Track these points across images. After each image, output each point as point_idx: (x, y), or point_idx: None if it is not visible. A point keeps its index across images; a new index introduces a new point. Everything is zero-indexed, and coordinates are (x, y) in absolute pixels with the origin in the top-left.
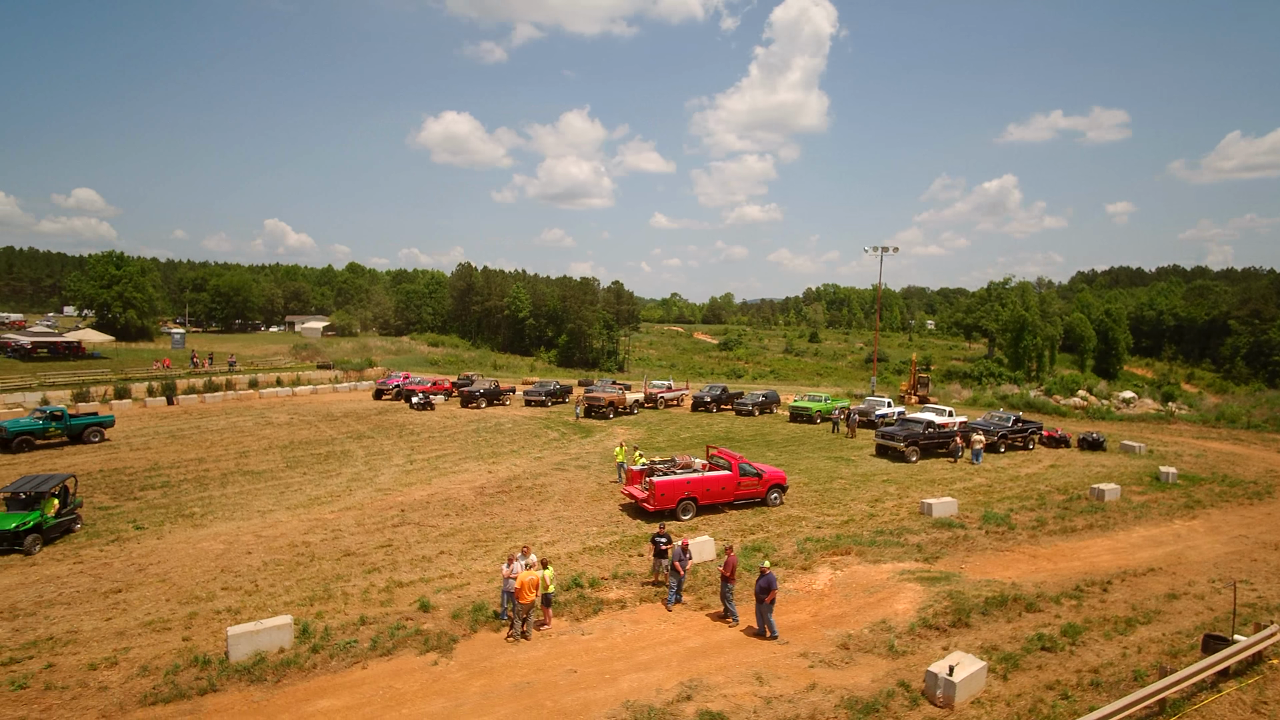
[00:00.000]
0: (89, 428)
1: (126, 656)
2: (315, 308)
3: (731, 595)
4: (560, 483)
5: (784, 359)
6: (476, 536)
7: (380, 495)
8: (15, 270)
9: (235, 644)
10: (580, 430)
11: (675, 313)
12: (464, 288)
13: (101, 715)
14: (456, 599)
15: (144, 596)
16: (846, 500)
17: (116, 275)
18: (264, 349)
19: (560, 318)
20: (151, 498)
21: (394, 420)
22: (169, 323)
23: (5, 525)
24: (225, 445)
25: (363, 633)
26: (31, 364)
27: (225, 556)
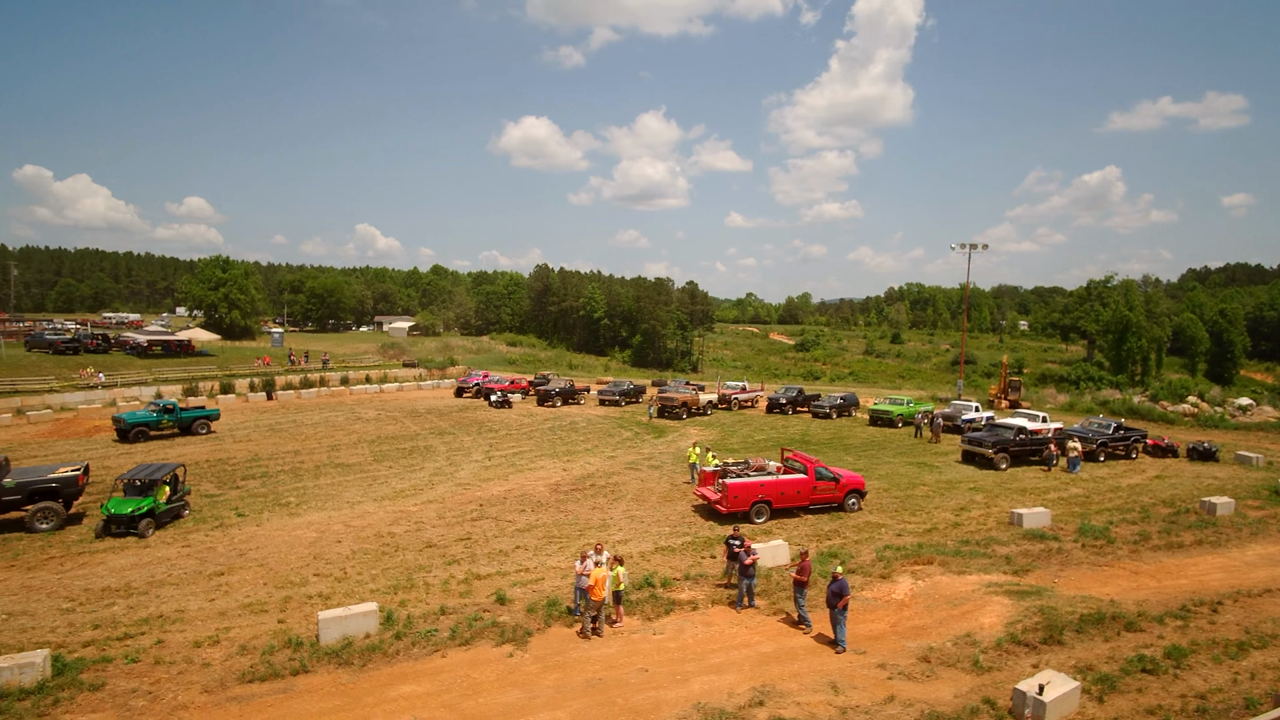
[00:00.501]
0: (197, 420)
1: (227, 636)
2: (402, 308)
3: (805, 601)
4: (633, 482)
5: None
6: (551, 533)
7: (460, 490)
8: (134, 274)
9: (325, 628)
10: (653, 430)
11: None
12: (541, 289)
13: (204, 690)
14: (531, 593)
15: (244, 580)
16: (929, 508)
17: (223, 278)
18: (354, 348)
19: (634, 318)
20: (252, 487)
21: (474, 417)
22: (269, 322)
23: (122, 510)
24: (319, 439)
25: (442, 622)
26: (147, 360)
27: (317, 544)
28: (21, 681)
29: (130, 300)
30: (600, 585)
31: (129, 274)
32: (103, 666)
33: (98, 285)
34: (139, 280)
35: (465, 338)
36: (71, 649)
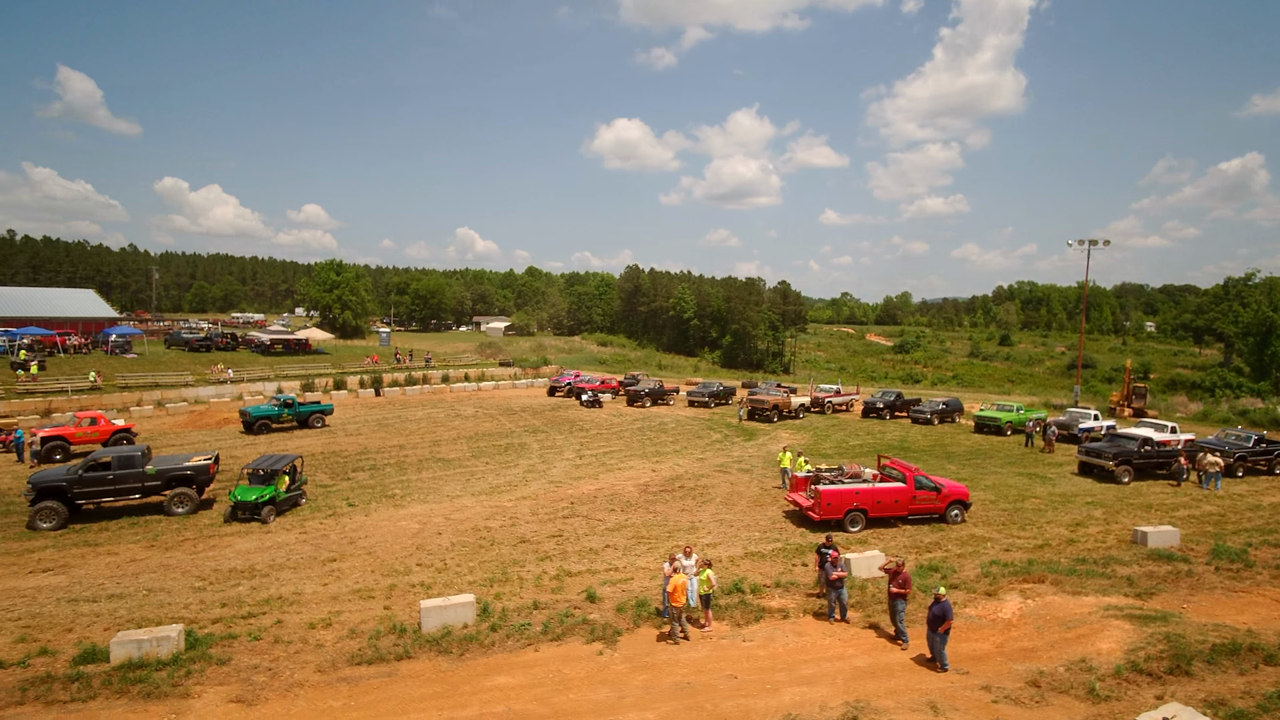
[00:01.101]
0: (313, 414)
1: (339, 619)
2: (498, 309)
3: (903, 615)
4: (722, 485)
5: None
6: (640, 533)
7: (552, 487)
8: (258, 276)
9: (427, 616)
10: (743, 433)
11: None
12: (631, 289)
13: (317, 670)
14: (621, 593)
15: (354, 566)
16: (1041, 522)
17: (336, 280)
18: (454, 347)
19: (725, 318)
20: (361, 479)
21: (565, 416)
22: (378, 322)
23: (247, 497)
24: (421, 434)
25: (535, 617)
26: (270, 358)
27: (420, 535)
28: (159, 653)
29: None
30: (680, 590)
31: (254, 277)
32: (229, 643)
33: (227, 287)
34: (263, 282)
35: (558, 337)
36: (202, 625)
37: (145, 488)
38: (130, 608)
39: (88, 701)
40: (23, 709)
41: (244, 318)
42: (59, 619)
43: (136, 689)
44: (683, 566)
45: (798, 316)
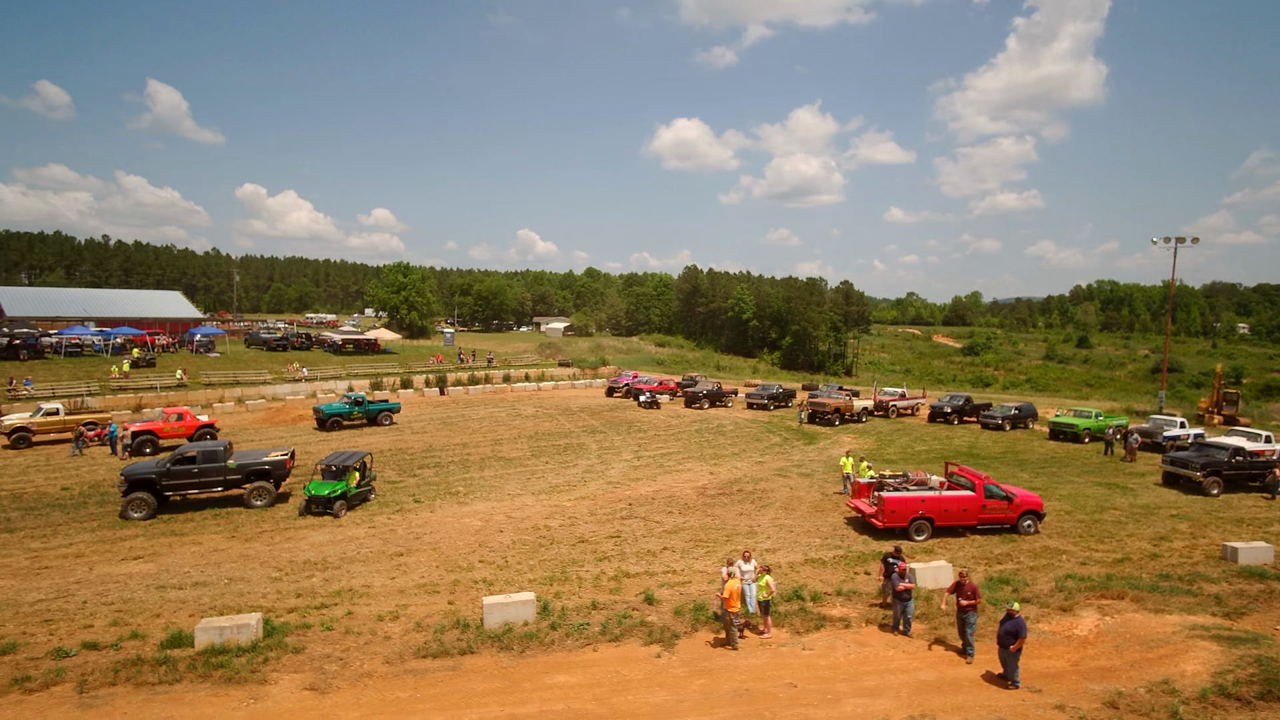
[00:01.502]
0: (381, 412)
1: (405, 612)
2: (558, 309)
3: (974, 628)
4: (782, 489)
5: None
6: (698, 536)
7: (610, 488)
8: (331, 278)
9: (489, 613)
10: (803, 436)
11: (911, 313)
12: (690, 290)
13: (386, 661)
14: (679, 596)
15: (419, 561)
16: (1121, 535)
17: (404, 282)
18: (515, 347)
19: (784, 319)
20: (426, 476)
21: (623, 417)
22: (442, 323)
23: (320, 492)
24: (484, 433)
25: (594, 617)
26: (341, 357)
27: (482, 532)
28: (239, 640)
29: (328, 302)
30: (735, 596)
31: (327, 279)
32: (303, 632)
33: (302, 289)
34: (335, 284)
35: (616, 338)
36: (278, 614)
37: (227, 481)
38: (213, 595)
39: (174, 685)
40: (115, 689)
41: (317, 318)
42: (148, 604)
43: (218, 674)
44: (741, 571)
45: (861, 317)
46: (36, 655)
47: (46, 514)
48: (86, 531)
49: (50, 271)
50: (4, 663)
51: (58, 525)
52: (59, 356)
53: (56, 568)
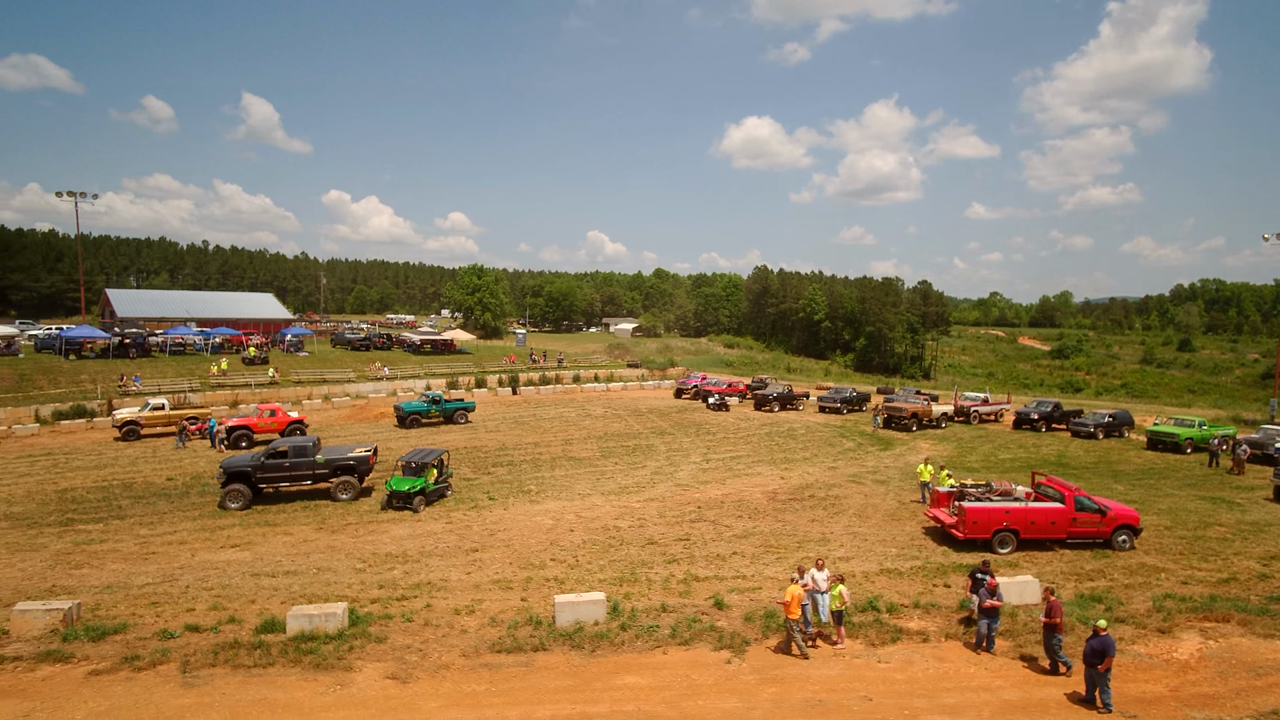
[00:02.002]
0: (457, 411)
1: (480, 607)
2: (626, 310)
3: (1059, 647)
4: (855, 496)
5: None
6: (768, 542)
7: (679, 490)
8: (409, 280)
9: (560, 611)
10: (878, 442)
11: (995, 314)
12: (759, 290)
13: (462, 654)
14: (749, 601)
15: (493, 558)
16: (1227, 553)
17: (478, 284)
18: (584, 347)
19: (858, 320)
20: (500, 474)
21: (692, 419)
22: (514, 323)
23: (400, 487)
24: (554, 433)
25: (664, 619)
26: (420, 357)
27: (553, 531)
28: (326, 628)
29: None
30: (795, 602)
31: (406, 281)
32: (385, 622)
33: (383, 291)
34: (413, 286)
35: (684, 339)
36: (362, 604)
37: (315, 475)
38: (303, 584)
39: (267, 668)
40: (215, 670)
41: (397, 319)
42: (244, 591)
43: (308, 659)
44: (813, 580)
45: (940, 318)
46: (144, 635)
47: (153, 503)
48: (189, 520)
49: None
50: (115, 641)
51: (163, 513)
52: (164, 355)
53: (162, 553)
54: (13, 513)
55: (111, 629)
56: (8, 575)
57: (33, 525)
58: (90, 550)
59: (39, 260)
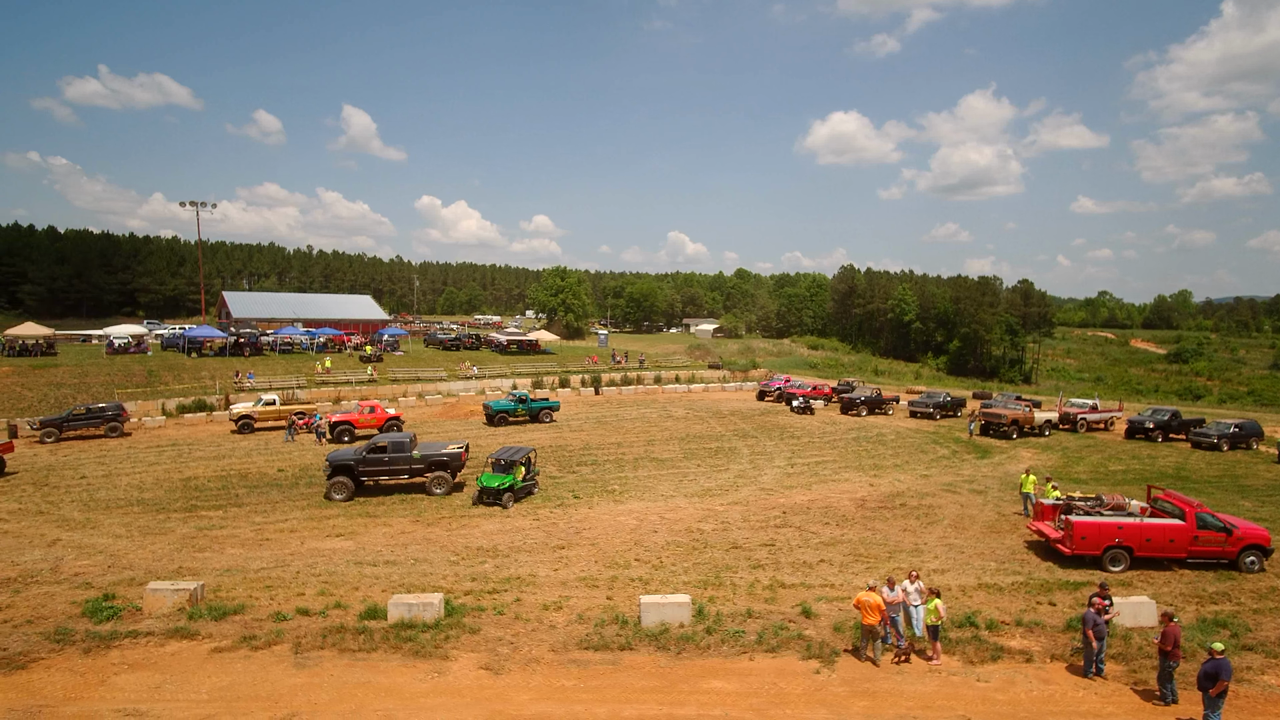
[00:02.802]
0: (543, 410)
1: (568, 604)
2: (707, 311)
3: (1173, 675)
4: (951, 506)
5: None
6: (857, 550)
7: (764, 495)
8: (496, 282)
9: (646, 611)
10: (975, 449)
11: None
12: (845, 290)
13: (551, 649)
14: (838, 611)
15: (579, 555)
16: None
17: (561, 285)
18: (664, 348)
19: (952, 321)
20: (584, 473)
21: (775, 422)
22: (596, 324)
23: (490, 484)
24: (637, 433)
25: (749, 625)
26: (506, 357)
27: (637, 531)
28: (424, 617)
29: (493, 304)
30: (871, 609)
31: (493, 282)
32: (478, 614)
33: (471, 293)
34: (499, 287)
35: (766, 340)
36: (456, 595)
37: (412, 470)
38: (401, 574)
39: (370, 652)
40: (323, 652)
41: (484, 319)
42: (348, 578)
43: (407, 646)
44: (906, 592)
45: (1042, 319)
46: (260, 617)
47: (266, 492)
48: (298, 509)
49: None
50: (234, 621)
51: (275, 502)
52: (274, 353)
53: (275, 540)
54: (144, 498)
55: (231, 609)
56: (140, 556)
57: (161, 510)
58: (211, 535)
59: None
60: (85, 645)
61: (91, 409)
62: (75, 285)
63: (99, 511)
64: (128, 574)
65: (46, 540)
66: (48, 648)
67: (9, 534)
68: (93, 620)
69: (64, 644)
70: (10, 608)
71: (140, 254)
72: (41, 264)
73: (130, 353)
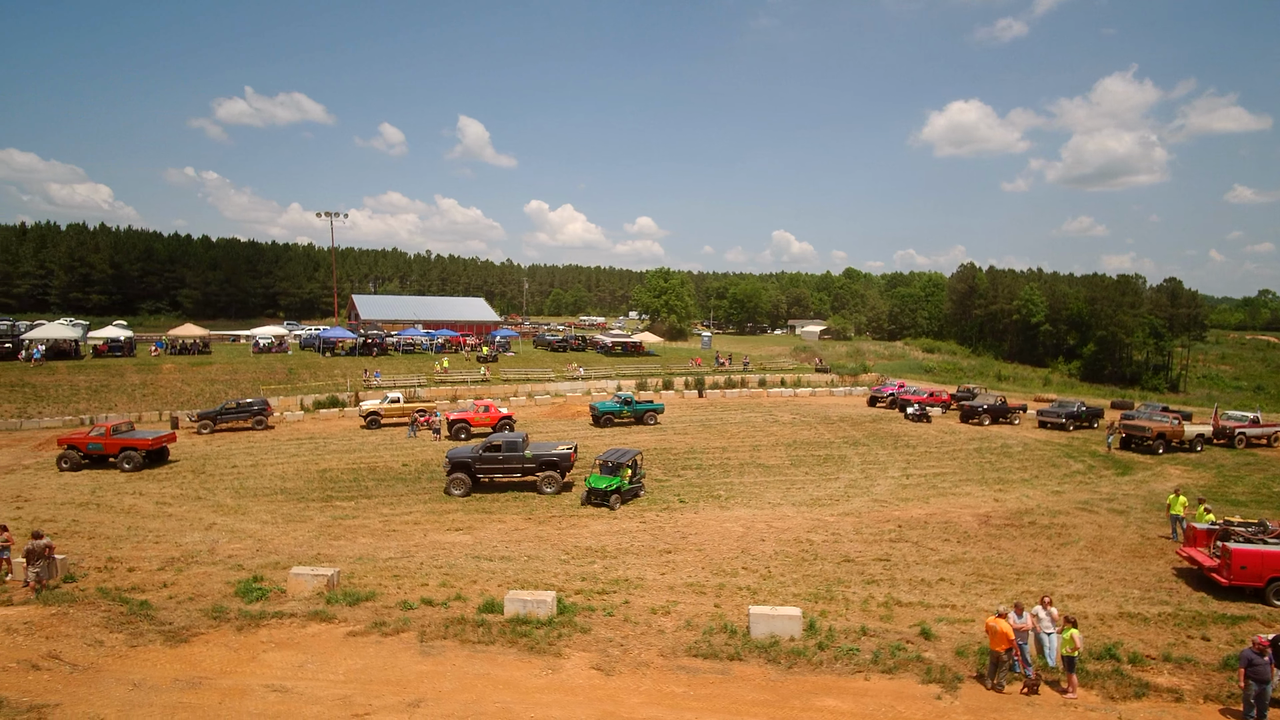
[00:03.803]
0: (647, 412)
1: (676, 609)
2: (813, 312)
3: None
4: (1087, 526)
5: None
6: (981, 570)
7: (877, 506)
8: (600, 284)
9: (756, 622)
10: (1115, 465)
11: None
12: (965, 290)
13: (660, 654)
14: (960, 634)
15: (686, 560)
16: None
17: (664, 287)
18: (768, 350)
19: (1086, 323)
20: (689, 477)
21: (888, 429)
22: (698, 325)
23: (599, 485)
24: (741, 437)
25: (864, 643)
26: (611, 358)
27: (744, 539)
28: (538, 614)
29: (597, 306)
30: (1000, 636)
31: (597, 284)
32: (589, 614)
33: (576, 294)
34: (604, 289)
35: (877, 342)
36: (567, 594)
37: (524, 469)
38: (515, 569)
39: (489, 645)
40: (446, 643)
41: (589, 320)
42: (467, 571)
43: (522, 641)
44: (1039, 620)
45: (1192, 321)
46: (389, 604)
47: (392, 485)
48: (421, 503)
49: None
50: (366, 608)
51: (400, 495)
52: (397, 353)
53: (401, 532)
54: (286, 488)
55: (363, 596)
56: (283, 542)
57: (301, 500)
58: (344, 525)
59: (300, 270)
60: (238, 623)
61: (241, 404)
62: (226, 289)
63: (248, 498)
64: (273, 558)
65: (204, 524)
66: (206, 623)
67: (173, 517)
68: (244, 600)
69: (219, 621)
70: (175, 585)
71: (280, 260)
72: (197, 270)
73: (273, 352)
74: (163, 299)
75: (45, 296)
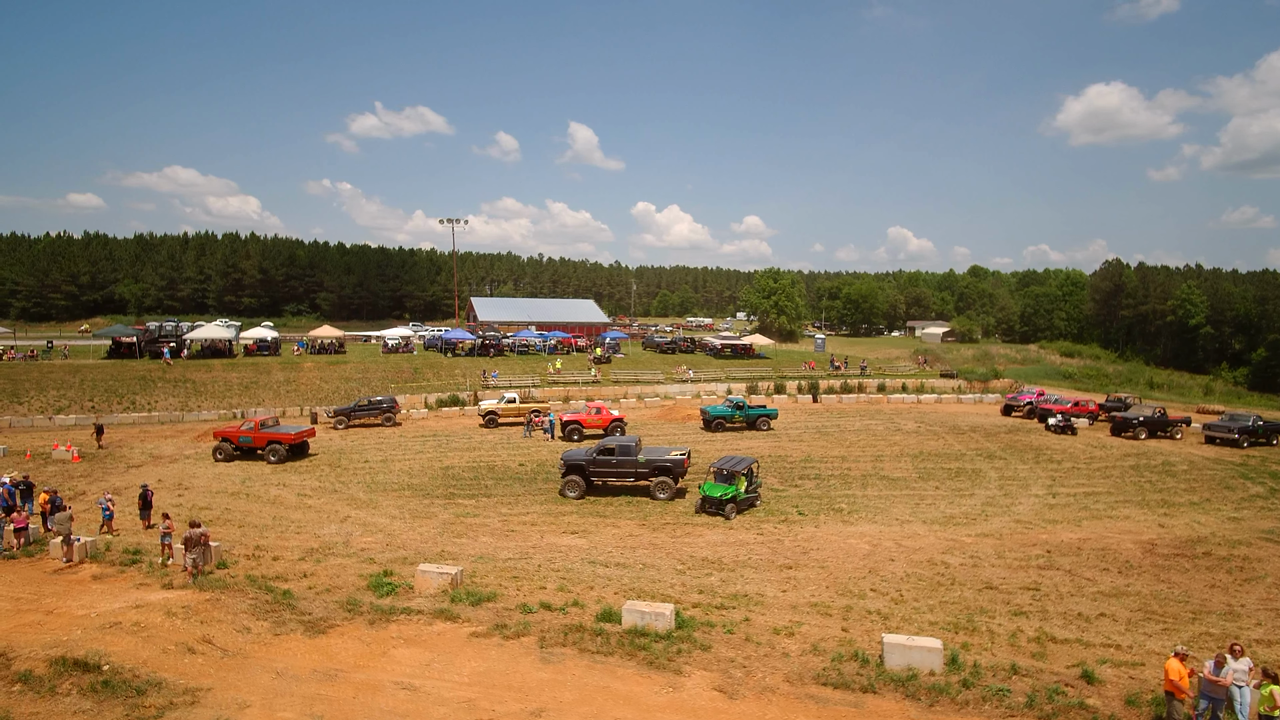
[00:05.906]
0: (760, 417)
1: (800, 631)
2: (935, 313)
3: None
4: (1276, 559)
5: None
6: (1149, 606)
7: (1020, 528)
8: (706, 285)
9: (890, 652)
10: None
11: None
12: (1110, 289)
13: (786, 679)
14: (1128, 680)
15: (808, 578)
16: None
17: (774, 287)
18: (886, 353)
19: (1255, 325)
20: (807, 487)
21: (1027, 441)
22: (810, 326)
23: (713, 493)
24: (861, 446)
25: (1015, 683)
26: (720, 360)
27: (871, 558)
28: (656, 626)
29: (704, 307)
30: (1182, 681)
31: (704, 285)
32: (708, 630)
33: (683, 295)
34: (710, 290)
35: (1007, 345)
36: (685, 607)
37: (636, 473)
38: (631, 577)
39: (608, 656)
40: (565, 650)
41: (695, 322)
42: (583, 576)
43: (641, 655)
44: (1231, 672)
45: None
46: (509, 606)
47: (510, 485)
48: (537, 504)
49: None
50: (488, 608)
51: (518, 495)
52: (512, 354)
53: (519, 532)
54: (413, 484)
55: (485, 596)
56: (410, 537)
57: (426, 496)
58: (467, 523)
59: (424, 274)
60: (370, 617)
61: (372, 401)
62: (358, 292)
63: (379, 493)
64: (401, 553)
65: (339, 516)
66: (341, 615)
67: (312, 509)
68: (376, 594)
69: (353, 614)
70: (314, 575)
71: (406, 264)
72: (333, 274)
73: (400, 352)
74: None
75: (204, 300)
